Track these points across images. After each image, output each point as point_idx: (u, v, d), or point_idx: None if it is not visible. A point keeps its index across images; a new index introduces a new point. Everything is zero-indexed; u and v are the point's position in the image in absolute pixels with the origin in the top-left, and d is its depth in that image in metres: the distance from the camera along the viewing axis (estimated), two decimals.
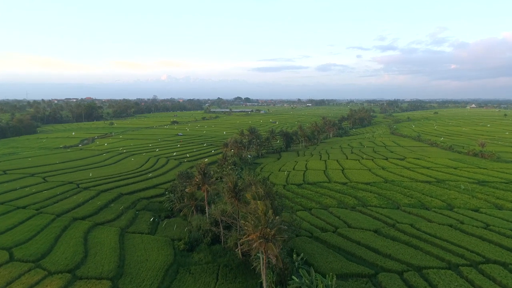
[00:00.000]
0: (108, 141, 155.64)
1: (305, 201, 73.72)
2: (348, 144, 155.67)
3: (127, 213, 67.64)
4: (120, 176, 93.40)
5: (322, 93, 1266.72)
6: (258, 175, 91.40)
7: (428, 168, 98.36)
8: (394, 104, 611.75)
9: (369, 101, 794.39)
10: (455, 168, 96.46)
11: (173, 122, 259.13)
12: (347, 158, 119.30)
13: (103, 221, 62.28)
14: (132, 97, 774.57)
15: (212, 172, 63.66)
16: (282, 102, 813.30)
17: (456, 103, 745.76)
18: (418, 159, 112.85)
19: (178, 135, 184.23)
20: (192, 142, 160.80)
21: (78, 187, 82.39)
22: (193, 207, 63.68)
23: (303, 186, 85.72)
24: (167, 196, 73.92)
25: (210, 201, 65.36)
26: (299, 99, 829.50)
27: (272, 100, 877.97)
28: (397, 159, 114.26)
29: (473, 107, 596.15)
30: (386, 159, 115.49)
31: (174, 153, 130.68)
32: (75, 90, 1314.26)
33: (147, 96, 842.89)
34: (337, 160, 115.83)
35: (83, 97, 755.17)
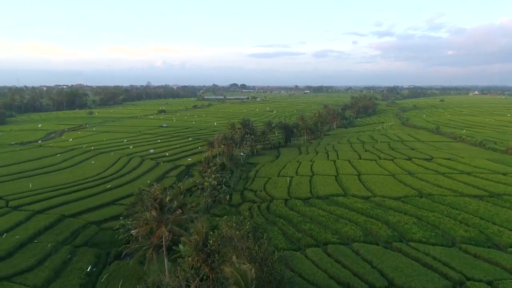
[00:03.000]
0: (76, 136, 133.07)
1: (316, 229, 52.44)
2: (358, 138, 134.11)
3: (58, 254, 46.14)
4: (71, 187, 71.55)
5: (319, 79, 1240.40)
6: (252, 178, 69.98)
7: (468, 174, 77.15)
8: (394, 91, 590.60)
9: (367, 88, 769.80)
10: (504, 174, 75.32)
11: (160, 111, 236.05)
12: (360, 158, 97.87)
13: (11, 273, 40.67)
14: (126, 83, 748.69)
15: (175, 203, 41.77)
16: (279, 89, 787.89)
17: (457, 90, 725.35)
18: (449, 159, 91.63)
19: (162, 126, 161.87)
20: (176, 136, 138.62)
21: (7, 206, 60.57)
22: (152, 249, 42.10)
23: (312, 202, 64.35)
24: (122, 222, 52.28)
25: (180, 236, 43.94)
26: (296, 86, 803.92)
27: (269, 87, 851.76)
28: (423, 159, 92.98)
29: (476, 94, 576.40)
30: (409, 159, 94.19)
31: (152, 150, 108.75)
32: (67, 76, 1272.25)
33: (141, 82, 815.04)
34: (349, 161, 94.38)
35: (74, 84, 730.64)
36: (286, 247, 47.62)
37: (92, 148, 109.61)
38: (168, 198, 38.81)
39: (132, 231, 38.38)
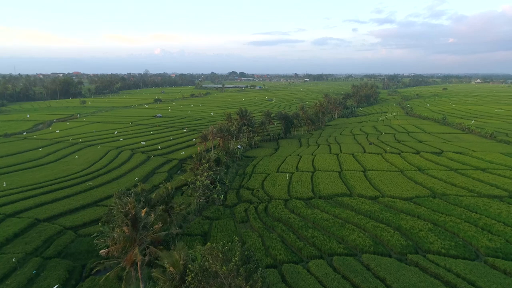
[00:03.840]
0: (64, 127, 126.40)
1: (319, 237, 46.49)
2: (361, 129, 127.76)
3: (25, 268, 40.20)
4: (50, 185, 65.37)
5: (318, 67, 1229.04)
6: (248, 174, 63.87)
7: (483, 170, 71.09)
8: (394, 79, 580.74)
9: (367, 76, 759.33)
10: None
11: (156, 100, 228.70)
12: (365, 152, 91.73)
13: None
14: (124, 71, 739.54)
15: (152, 216, 35.30)
16: (278, 77, 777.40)
17: (459, 78, 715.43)
18: (460, 153, 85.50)
19: (156, 116, 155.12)
20: (171, 127, 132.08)
21: None
22: (129, 266, 35.96)
23: (314, 203, 58.34)
24: (101, 229, 46.19)
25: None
26: (296, 74, 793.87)
27: (268, 75, 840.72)
28: (431, 153, 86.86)
29: (478, 82, 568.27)
30: (417, 153, 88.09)
31: (143, 143, 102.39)
32: (66, 64, 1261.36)
33: (139, 70, 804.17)
34: (352, 155, 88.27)
35: (71, 72, 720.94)
36: (286, 259, 41.77)
37: (80, 140, 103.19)
38: (144, 210, 32.46)
39: (101, 251, 32.12)
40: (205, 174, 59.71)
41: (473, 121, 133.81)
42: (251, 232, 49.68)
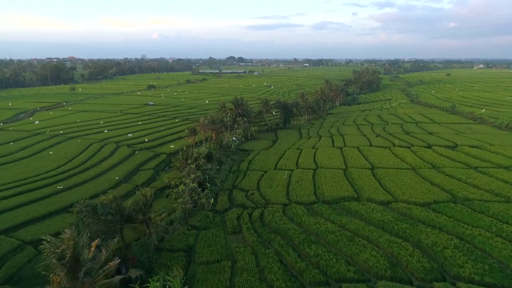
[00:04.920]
0: (47, 116, 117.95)
1: (324, 255, 38.84)
2: (365, 119, 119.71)
3: None
4: (15, 187, 57.40)
5: (318, 52, 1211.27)
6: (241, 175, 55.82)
7: (506, 168, 63.37)
8: (395, 64, 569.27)
9: (367, 61, 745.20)
10: None
11: (149, 87, 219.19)
12: (371, 145, 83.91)
13: None
14: (120, 56, 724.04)
15: (103, 253, 27.17)
16: (277, 62, 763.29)
17: (461, 63, 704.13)
18: (477, 147, 77.77)
19: (148, 104, 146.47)
20: (162, 116, 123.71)
21: None
22: None
23: (317, 209, 50.70)
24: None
25: None
26: (295, 59, 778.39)
27: (267, 60, 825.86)
28: (445, 147, 79.12)
29: (481, 68, 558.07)
30: (429, 146, 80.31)
31: (130, 135, 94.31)
32: (62, 49, 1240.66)
33: (136, 55, 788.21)
34: (358, 148, 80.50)
35: (66, 57, 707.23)
36: (285, 286, 34.28)
37: (61, 132, 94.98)
38: (94, 244, 24.58)
39: None
40: (192, 175, 51.84)
41: (484, 109, 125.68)
42: (243, 247, 42.09)
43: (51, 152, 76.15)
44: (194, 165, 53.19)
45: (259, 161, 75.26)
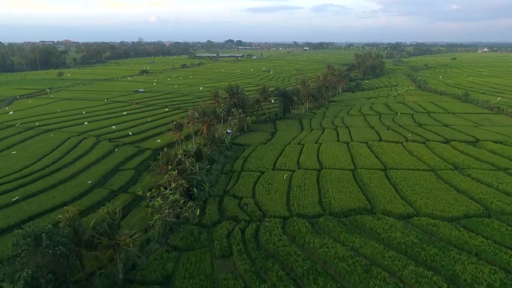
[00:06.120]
0: (25, 105, 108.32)
1: None
2: (371, 108, 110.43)
3: None
4: None
5: (318, 35, 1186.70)
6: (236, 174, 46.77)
7: None
8: (397, 48, 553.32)
9: (368, 45, 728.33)
10: None
11: (142, 72, 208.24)
12: (381, 140, 75.03)
13: None
14: (117, 39, 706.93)
15: None
16: (277, 45, 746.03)
17: (464, 47, 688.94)
18: (501, 143, 69.01)
19: (138, 91, 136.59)
20: (151, 105, 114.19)
21: None
22: None
23: (324, 226, 42.09)
24: None
25: None
26: (295, 42, 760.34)
27: (266, 43, 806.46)
28: (464, 142, 70.35)
29: (485, 51, 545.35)
30: (447, 142, 71.48)
31: (113, 127, 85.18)
32: (58, 32, 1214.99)
33: (133, 39, 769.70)
34: (366, 144, 71.64)
35: (61, 40, 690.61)
36: None
37: (37, 124, 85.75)
38: None
39: None
40: (173, 184, 43.00)
41: (499, 98, 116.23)
42: (233, 279, 33.75)
43: (14, 152, 66.49)
44: (176, 171, 44.16)
45: (256, 158, 66.48)
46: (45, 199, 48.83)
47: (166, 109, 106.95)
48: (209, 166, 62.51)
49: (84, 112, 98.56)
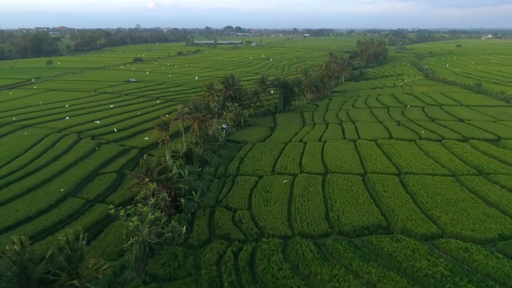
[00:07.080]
0: (5, 97, 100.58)
1: None
2: (378, 99, 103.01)
3: None
4: None
5: (319, 22, 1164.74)
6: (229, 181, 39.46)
7: None
8: (399, 35, 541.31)
9: (370, 31, 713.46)
10: None
11: (136, 60, 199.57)
12: (391, 137, 67.84)
13: None
14: (114, 26, 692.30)
15: None
16: (277, 32, 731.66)
17: (467, 33, 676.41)
18: None
19: (129, 81, 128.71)
20: (142, 96, 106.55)
21: None
22: None
23: (332, 249, 35.26)
24: None
25: None
26: (295, 29, 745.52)
27: (265, 30, 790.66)
28: (485, 141, 63.26)
29: (489, 38, 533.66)
30: (465, 140, 64.38)
31: (97, 122, 77.90)
32: (56, 18, 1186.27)
33: (130, 25, 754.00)
34: (375, 142, 64.57)
35: (57, 26, 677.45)
36: None
37: (14, 119, 78.33)
38: None
39: None
40: (153, 200, 35.97)
41: None
42: None
43: None
44: (155, 184, 37.08)
45: (253, 159, 59.46)
46: (7, 213, 41.91)
47: (158, 101, 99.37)
48: (200, 169, 55.64)
49: (67, 105, 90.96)
